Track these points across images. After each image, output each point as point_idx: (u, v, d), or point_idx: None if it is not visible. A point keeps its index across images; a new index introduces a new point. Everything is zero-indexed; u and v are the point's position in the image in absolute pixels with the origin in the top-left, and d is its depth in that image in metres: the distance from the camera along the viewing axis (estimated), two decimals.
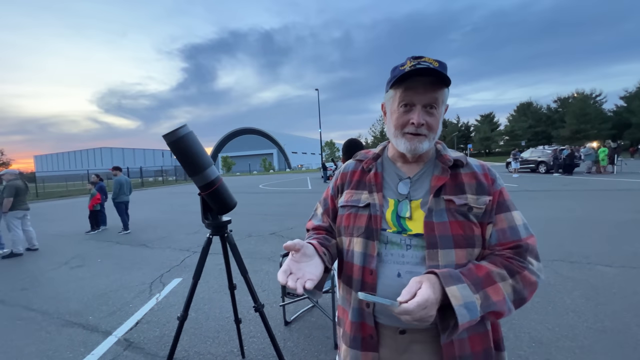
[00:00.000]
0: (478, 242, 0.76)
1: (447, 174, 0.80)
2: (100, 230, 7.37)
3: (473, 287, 0.67)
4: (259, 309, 1.65)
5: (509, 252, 0.74)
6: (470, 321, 0.65)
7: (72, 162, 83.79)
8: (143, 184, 27.18)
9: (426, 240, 0.75)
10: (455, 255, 0.74)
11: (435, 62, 0.76)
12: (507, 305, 0.69)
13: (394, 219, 0.80)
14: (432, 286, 0.65)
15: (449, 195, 0.78)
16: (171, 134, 1.46)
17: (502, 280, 0.70)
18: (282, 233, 6.08)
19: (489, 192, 0.79)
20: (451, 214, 0.76)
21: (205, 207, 1.71)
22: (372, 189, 0.86)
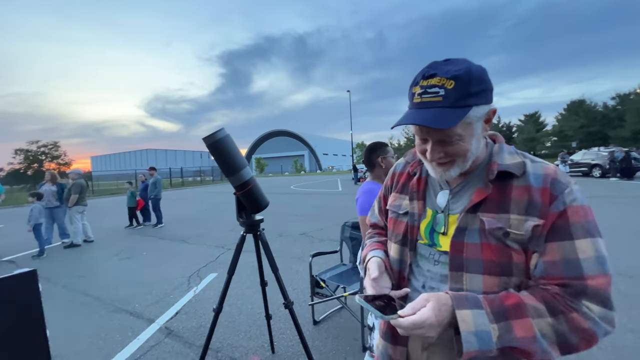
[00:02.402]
0: (518, 270, 0.66)
1: (489, 188, 0.69)
2: (141, 226, 7.98)
3: (493, 315, 0.61)
4: (289, 305, 1.70)
5: (556, 289, 0.62)
6: (481, 351, 0.59)
7: (122, 163, 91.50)
8: (183, 183, 28.95)
9: (450, 261, 0.71)
10: (483, 282, 0.67)
11: (450, 81, 0.63)
12: (540, 345, 0.59)
13: (428, 231, 0.78)
14: (438, 307, 0.62)
15: (487, 213, 0.68)
16: (210, 137, 1.57)
17: (537, 317, 0.60)
18: (312, 234, 6.15)
19: (540, 214, 0.64)
20: (485, 236, 0.67)
21: (239, 206, 1.80)
22: (413, 196, 0.83)
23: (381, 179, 1.87)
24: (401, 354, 0.82)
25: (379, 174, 1.87)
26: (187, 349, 2.43)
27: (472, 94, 0.64)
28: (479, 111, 0.66)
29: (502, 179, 0.69)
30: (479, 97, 0.64)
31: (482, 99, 0.65)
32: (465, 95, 0.63)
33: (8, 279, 0.60)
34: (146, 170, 8.18)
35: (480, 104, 0.65)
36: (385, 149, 1.89)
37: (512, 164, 0.69)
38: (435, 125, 0.63)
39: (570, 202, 0.64)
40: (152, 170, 7.92)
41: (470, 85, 0.63)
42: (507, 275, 0.66)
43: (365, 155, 1.90)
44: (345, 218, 8.47)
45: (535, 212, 0.64)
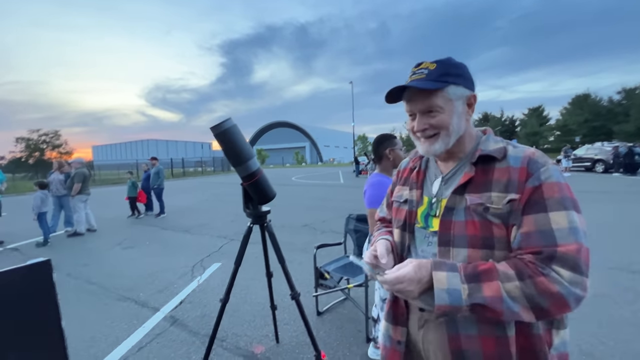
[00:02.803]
0: (500, 244, 0.72)
1: (472, 170, 0.78)
2: (144, 215, 8.00)
3: (465, 277, 0.69)
4: (296, 297, 1.70)
5: (529, 257, 0.67)
6: (451, 306, 0.67)
7: (123, 152, 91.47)
8: (184, 173, 28.95)
9: (439, 237, 0.80)
10: (468, 255, 0.74)
11: (433, 64, 0.79)
12: (507, 305, 0.65)
13: (423, 215, 0.87)
14: (418, 267, 0.73)
15: (471, 193, 0.76)
16: (218, 127, 1.54)
17: (506, 281, 0.66)
18: (315, 225, 6.16)
19: (517, 190, 0.71)
20: (469, 213, 0.75)
21: (246, 197, 1.78)
22: (412, 186, 0.94)
23: (389, 171, 1.85)
24: (402, 334, 0.90)
25: (387, 166, 1.85)
26: (193, 337, 2.45)
27: (450, 74, 0.77)
28: (457, 90, 0.78)
29: (486, 163, 0.77)
30: (456, 78, 0.78)
31: (460, 81, 0.78)
32: (444, 74, 0.77)
33: (22, 269, 0.59)
34: (148, 160, 8.16)
35: (459, 85, 0.78)
36: (393, 141, 1.86)
37: (493, 149, 0.78)
38: (416, 85, 0.77)
39: (545, 179, 0.70)
40: (154, 160, 7.91)
41: (449, 68, 0.78)
42: (489, 249, 0.73)
43: (373, 147, 1.87)
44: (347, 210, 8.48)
45: (513, 188, 0.71)
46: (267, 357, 2.18)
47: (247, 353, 2.23)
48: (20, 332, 0.54)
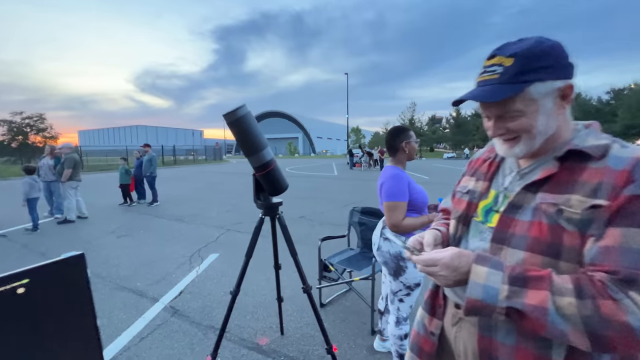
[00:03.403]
0: (568, 254, 0.61)
1: (555, 166, 0.67)
2: (136, 204, 7.83)
3: (508, 279, 0.61)
4: (308, 290, 1.68)
5: (601, 275, 0.56)
6: (484, 303, 0.61)
7: (112, 138, 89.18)
8: (176, 161, 28.45)
9: (493, 234, 0.72)
10: (524, 259, 0.65)
11: (509, 58, 0.64)
12: (552, 321, 0.56)
13: (485, 210, 0.79)
14: (458, 255, 0.68)
15: (546, 192, 0.66)
16: (232, 114, 1.47)
17: (559, 294, 0.56)
18: (312, 217, 6.14)
19: (608, 196, 0.58)
20: (537, 214, 0.65)
21: (257, 187, 1.73)
22: (480, 177, 0.85)
23: (403, 163, 1.81)
24: (436, 327, 0.88)
25: (402, 159, 1.81)
26: (195, 328, 2.42)
27: (532, 70, 0.63)
28: (543, 87, 0.64)
29: (577, 160, 0.65)
30: (542, 72, 0.63)
31: (548, 74, 0.64)
32: (523, 71, 0.63)
33: (57, 263, 0.54)
34: (140, 147, 7.94)
35: (546, 80, 0.64)
36: (408, 134, 1.82)
37: (590, 146, 0.65)
38: (481, 99, 0.67)
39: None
40: (147, 147, 7.70)
41: (531, 62, 0.63)
42: (553, 257, 0.62)
43: (388, 139, 1.83)
44: (343, 202, 8.48)
45: (603, 194, 0.59)
46: (273, 348, 2.17)
47: (251, 345, 2.21)
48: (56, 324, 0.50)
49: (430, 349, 0.89)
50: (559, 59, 0.65)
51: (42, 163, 6.02)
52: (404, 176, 1.71)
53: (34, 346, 0.51)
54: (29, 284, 0.49)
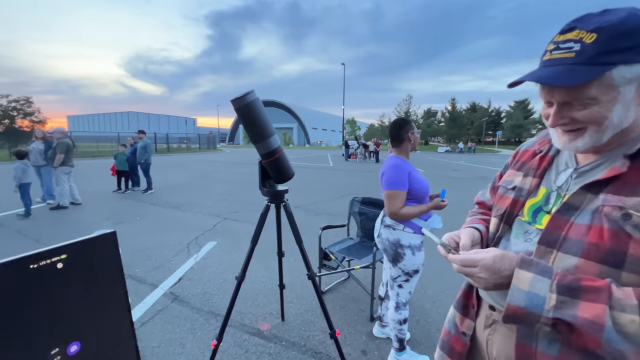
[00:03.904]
0: (632, 265, 0.54)
1: (623, 165, 0.58)
2: (130, 191, 7.74)
3: (557, 287, 0.54)
4: (312, 277, 1.70)
5: None
6: (526, 311, 0.55)
7: (102, 124, 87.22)
8: (169, 149, 28.06)
9: (542, 235, 0.64)
10: (577, 267, 0.58)
11: (591, 34, 0.53)
12: (607, 337, 0.50)
13: (533, 209, 0.71)
14: (501, 256, 0.61)
15: (611, 193, 0.57)
16: (240, 99, 1.46)
17: (620, 309, 0.50)
18: (307, 207, 6.17)
19: None
20: (598, 218, 0.57)
21: (263, 175, 1.73)
22: (529, 172, 0.76)
23: (406, 153, 1.84)
24: (468, 327, 0.82)
25: (406, 149, 1.84)
26: (196, 314, 2.44)
27: (620, 50, 0.52)
28: (629, 71, 0.53)
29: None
30: (630, 53, 0.52)
31: (636, 56, 0.52)
32: (608, 50, 0.52)
33: (91, 240, 0.55)
34: (135, 134, 7.80)
35: (633, 63, 0.52)
36: (412, 125, 1.85)
37: None
38: (551, 82, 0.56)
39: None
40: (141, 133, 7.57)
41: (621, 39, 0.52)
42: (614, 267, 0.54)
43: (393, 130, 1.85)
44: (338, 193, 8.51)
45: None
46: (274, 334, 2.21)
47: (252, 330, 2.25)
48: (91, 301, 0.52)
49: (462, 349, 0.84)
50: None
51: (32, 147, 5.88)
52: (405, 166, 1.74)
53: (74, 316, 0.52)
54: (67, 259, 0.50)
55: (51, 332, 0.50)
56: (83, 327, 0.54)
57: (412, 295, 2.72)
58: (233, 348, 2.06)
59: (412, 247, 1.74)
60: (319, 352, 2.03)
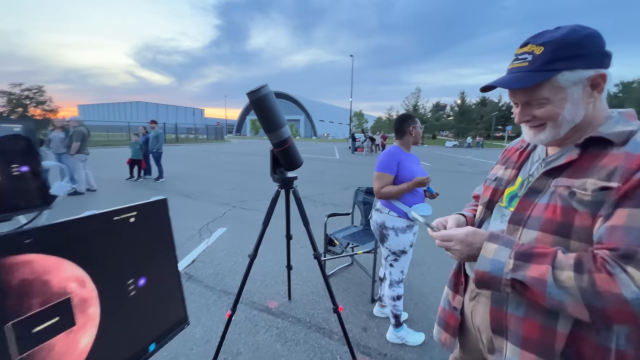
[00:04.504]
0: (578, 234, 0.65)
1: (575, 153, 0.69)
2: (142, 179, 7.99)
3: (515, 254, 0.66)
4: (318, 256, 1.85)
5: (604, 252, 0.59)
6: (490, 274, 0.68)
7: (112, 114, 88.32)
8: (177, 139, 28.43)
9: (511, 215, 0.76)
10: (536, 239, 0.70)
11: (540, 47, 0.67)
12: (551, 292, 0.60)
13: (510, 195, 0.83)
14: (473, 233, 0.75)
15: (564, 176, 0.69)
16: (255, 92, 1.59)
17: (558, 268, 0.61)
18: (314, 198, 6.32)
19: (620, 179, 0.60)
20: (554, 197, 0.69)
21: (275, 162, 1.87)
22: (509, 165, 0.89)
23: (407, 145, 1.99)
24: (458, 303, 0.96)
25: (407, 141, 1.99)
26: (209, 292, 2.63)
27: (562, 59, 0.65)
28: (572, 75, 0.65)
29: (600, 147, 0.67)
30: (571, 61, 0.65)
31: (578, 63, 0.65)
32: (553, 59, 0.65)
33: (151, 203, 0.70)
34: (147, 123, 8.01)
35: (575, 69, 0.65)
36: (415, 120, 1.99)
37: (613, 132, 0.66)
38: (507, 86, 0.70)
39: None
40: (154, 123, 7.77)
41: (562, 50, 0.65)
42: (564, 237, 0.66)
43: (397, 124, 1.99)
44: (344, 184, 8.61)
45: (616, 177, 0.61)
46: (281, 311, 2.38)
47: (262, 307, 2.43)
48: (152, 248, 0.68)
49: (455, 323, 0.97)
50: (593, 48, 0.65)
51: (52, 136, 6.15)
52: (396, 154, 1.93)
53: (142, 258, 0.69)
54: (137, 216, 0.66)
55: (129, 268, 0.65)
56: (148, 267, 0.70)
57: (412, 281, 2.88)
58: (244, 322, 2.24)
59: (395, 229, 1.92)
60: (322, 327, 2.20)
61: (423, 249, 3.62)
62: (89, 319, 0.54)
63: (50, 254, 0.50)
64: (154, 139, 7.62)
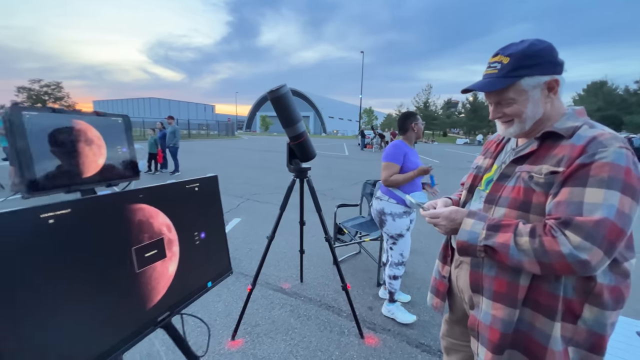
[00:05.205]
0: (535, 209, 0.81)
1: (535, 144, 0.86)
2: (159, 172, 8.36)
3: (487, 227, 0.82)
4: (329, 239, 2.06)
5: (551, 221, 0.75)
6: (468, 243, 0.84)
7: (125, 109, 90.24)
8: (190, 135, 29.04)
9: (486, 196, 0.94)
10: (505, 214, 0.86)
11: (507, 57, 0.83)
12: (513, 253, 0.77)
13: (487, 180, 1.00)
14: (455, 212, 0.91)
15: (528, 164, 0.85)
16: (275, 91, 1.79)
17: (518, 235, 0.77)
18: (324, 192, 6.53)
19: (566, 164, 0.76)
20: (518, 180, 0.85)
21: (290, 155, 2.07)
22: (487, 155, 1.08)
23: (411, 141, 2.18)
24: (446, 272, 1.14)
25: (410, 137, 2.18)
26: None
27: (523, 67, 0.81)
28: (532, 80, 0.82)
29: (554, 140, 0.83)
30: (530, 69, 0.81)
31: (536, 70, 0.81)
32: (516, 67, 0.82)
33: (208, 177, 0.91)
34: (165, 119, 8.34)
35: (534, 75, 0.82)
36: (417, 117, 2.19)
37: (562, 128, 0.82)
38: (480, 89, 0.87)
39: (599, 159, 0.73)
40: (171, 119, 8.10)
41: (523, 60, 0.81)
42: (525, 211, 0.83)
43: (400, 121, 2.19)
44: (353, 180, 8.79)
45: (563, 163, 0.77)
46: (294, 291, 2.61)
47: (276, 287, 2.66)
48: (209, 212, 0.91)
49: (443, 290, 1.15)
50: (548, 58, 0.82)
51: None
52: (403, 147, 2.14)
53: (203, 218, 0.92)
54: (199, 186, 0.88)
55: (194, 223, 0.88)
56: (206, 224, 0.94)
57: (416, 268, 3.06)
58: (260, 300, 2.48)
59: (393, 215, 2.13)
60: (331, 306, 2.41)
61: (428, 239, 3.80)
62: (173, 254, 0.77)
63: (153, 205, 0.72)
64: (170, 134, 7.95)
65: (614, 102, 40.82)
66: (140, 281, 0.70)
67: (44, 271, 0.54)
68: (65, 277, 0.57)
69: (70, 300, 0.58)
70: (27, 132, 0.62)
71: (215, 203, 1.02)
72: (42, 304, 0.54)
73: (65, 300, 0.57)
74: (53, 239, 0.56)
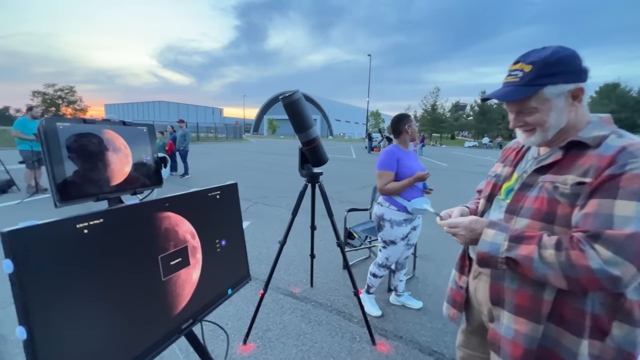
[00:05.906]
0: (561, 221, 0.78)
1: (559, 154, 0.83)
2: (169, 175, 8.48)
3: (509, 238, 0.79)
4: (340, 245, 2.06)
5: (578, 234, 0.72)
6: (489, 254, 0.81)
7: (136, 113, 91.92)
8: (198, 138, 29.41)
9: (507, 206, 0.90)
10: (527, 225, 0.82)
11: (529, 65, 0.80)
12: (537, 266, 0.73)
13: (507, 189, 0.96)
14: (475, 221, 0.88)
15: (551, 174, 0.82)
16: (289, 97, 1.81)
17: (543, 247, 0.74)
18: (331, 195, 6.52)
19: (594, 175, 0.73)
20: (542, 191, 0.82)
21: (302, 159, 2.08)
22: (507, 163, 1.04)
23: (406, 144, 2.19)
24: (464, 282, 1.11)
25: (405, 139, 2.19)
26: None
27: (545, 75, 0.78)
28: (555, 89, 0.79)
29: (580, 149, 0.80)
30: (553, 77, 0.78)
31: (559, 79, 0.78)
32: (539, 76, 0.79)
33: (228, 185, 0.93)
34: (175, 123, 8.47)
35: (557, 84, 0.79)
36: (410, 119, 2.19)
37: (590, 137, 0.79)
38: (501, 98, 0.84)
39: (630, 170, 0.70)
40: (182, 122, 8.22)
41: (545, 69, 0.78)
42: (549, 223, 0.79)
43: (393, 124, 2.20)
44: (362, 184, 8.75)
45: (591, 174, 0.74)
46: (304, 296, 2.60)
47: (286, 292, 2.66)
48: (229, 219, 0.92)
49: (461, 300, 1.11)
50: (572, 66, 0.79)
51: None
52: (395, 152, 2.11)
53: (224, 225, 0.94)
54: (220, 194, 0.89)
55: (216, 231, 0.90)
56: (226, 232, 0.96)
57: (427, 274, 3.04)
58: (271, 304, 2.48)
59: (392, 222, 2.12)
60: (342, 311, 2.41)
61: (439, 245, 3.76)
62: (197, 261, 0.79)
63: (178, 213, 0.74)
64: (181, 137, 8.07)
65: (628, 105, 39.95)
66: (166, 289, 0.71)
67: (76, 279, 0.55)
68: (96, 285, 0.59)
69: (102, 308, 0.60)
70: (61, 143, 0.65)
71: (235, 210, 1.04)
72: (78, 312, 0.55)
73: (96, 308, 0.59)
74: (86, 248, 0.57)
